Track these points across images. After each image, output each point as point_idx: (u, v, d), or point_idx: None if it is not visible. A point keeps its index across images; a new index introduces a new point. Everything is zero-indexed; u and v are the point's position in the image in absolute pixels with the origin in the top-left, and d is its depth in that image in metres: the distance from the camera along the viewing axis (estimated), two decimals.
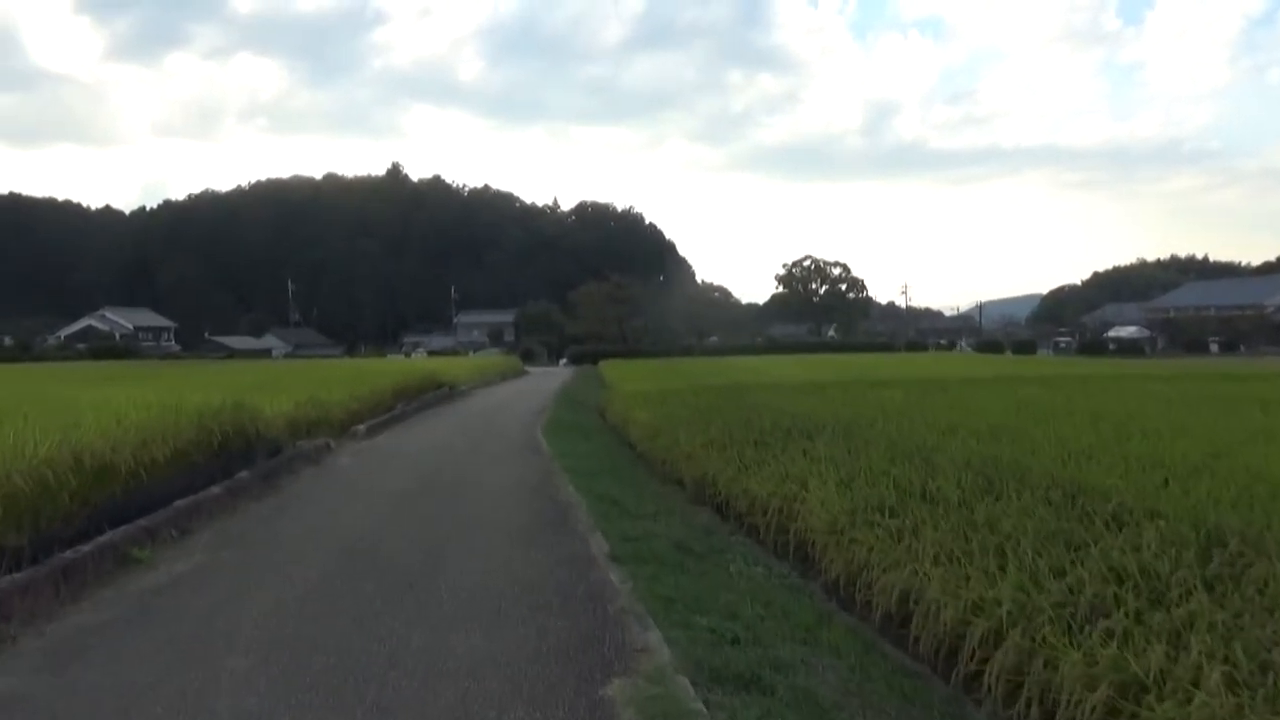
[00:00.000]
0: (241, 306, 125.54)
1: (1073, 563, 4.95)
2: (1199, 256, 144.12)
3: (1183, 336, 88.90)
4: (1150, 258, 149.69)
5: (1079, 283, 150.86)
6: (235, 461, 10.62)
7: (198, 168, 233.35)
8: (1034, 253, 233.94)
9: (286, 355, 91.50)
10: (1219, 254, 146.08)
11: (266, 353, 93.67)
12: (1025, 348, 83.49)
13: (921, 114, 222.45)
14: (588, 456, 12.95)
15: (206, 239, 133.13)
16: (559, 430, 16.97)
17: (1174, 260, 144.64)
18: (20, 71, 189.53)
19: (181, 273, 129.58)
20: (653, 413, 14.73)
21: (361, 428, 16.49)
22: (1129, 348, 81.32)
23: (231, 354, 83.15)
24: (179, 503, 8.14)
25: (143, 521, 7.37)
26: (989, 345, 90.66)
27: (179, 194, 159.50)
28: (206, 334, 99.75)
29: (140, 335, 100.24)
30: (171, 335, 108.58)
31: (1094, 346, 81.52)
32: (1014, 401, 14.57)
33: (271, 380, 20.49)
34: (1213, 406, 13.25)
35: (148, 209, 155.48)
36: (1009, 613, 4.48)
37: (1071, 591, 4.61)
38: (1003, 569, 5.05)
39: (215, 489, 9.06)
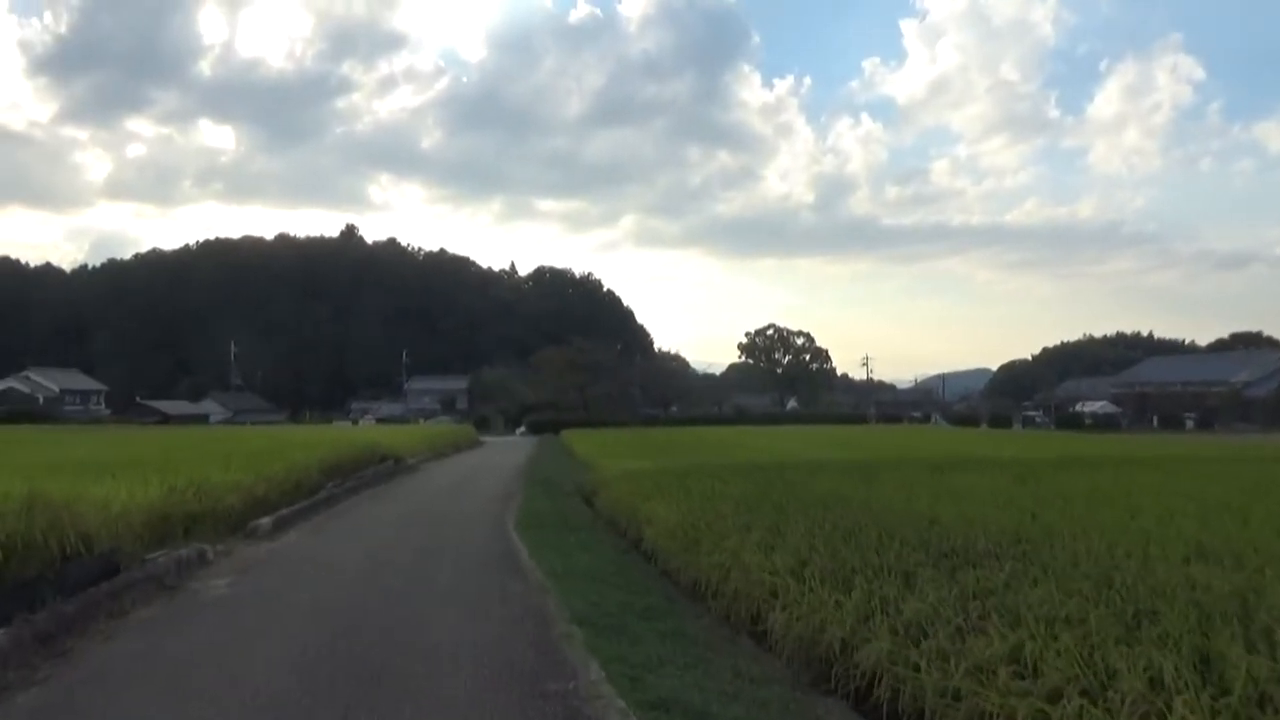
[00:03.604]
0: (181, 370, 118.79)
1: None
2: (1144, 334, 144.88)
3: (1153, 412, 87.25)
4: (1097, 334, 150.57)
5: (1029, 357, 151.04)
6: (9, 600, 6.26)
7: (149, 229, 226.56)
8: (981, 328, 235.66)
9: (224, 421, 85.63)
10: (1161, 332, 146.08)
11: (204, 418, 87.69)
12: (1000, 422, 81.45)
13: (873, 192, 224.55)
14: (594, 580, 8.58)
15: (149, 299, 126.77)
16: (539, 528, 12.52)
17: (1120, 337, 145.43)
18: None
19: (119, 334, 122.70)
20: (675, 507, 10.48)
21: (266, 521, 12.05)
22: (1105, 423, 79.64)
23: (165, 419, 77.42)
24: None
25: None
26: (962, 419, 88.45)
27: (126, 254, 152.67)
28: (139, 398, 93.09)
29: (66, 398, 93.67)
30: (101, 399, 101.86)
31: (1070, 421, 79.55)
32: (1176, 498, 10.60)
33: (158, 454, 15.85)
34: None
35: (89, 268, 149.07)
36: None
37: None
38: None
39: None
